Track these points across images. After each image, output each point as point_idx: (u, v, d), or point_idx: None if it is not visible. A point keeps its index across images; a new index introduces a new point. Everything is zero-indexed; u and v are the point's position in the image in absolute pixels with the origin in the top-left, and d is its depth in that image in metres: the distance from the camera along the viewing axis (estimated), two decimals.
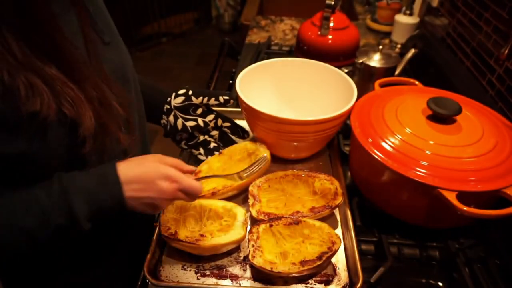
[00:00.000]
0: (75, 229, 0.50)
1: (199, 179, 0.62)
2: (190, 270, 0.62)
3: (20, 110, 0.44)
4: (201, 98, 0.75)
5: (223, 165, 0.77)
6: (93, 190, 0.51)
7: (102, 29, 0.58)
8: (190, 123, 0.76)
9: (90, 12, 0.56)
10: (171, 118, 0.76)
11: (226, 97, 0.76)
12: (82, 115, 0.48)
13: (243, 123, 0.93)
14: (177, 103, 0.76)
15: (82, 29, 0.51)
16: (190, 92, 0.76)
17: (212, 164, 0.76)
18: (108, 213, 0.53)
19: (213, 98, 0.75)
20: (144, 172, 0.54)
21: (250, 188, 0.71)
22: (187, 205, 0.66)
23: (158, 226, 0.64)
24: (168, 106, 0.76)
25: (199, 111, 0.77)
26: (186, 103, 0.75)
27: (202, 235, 0.61)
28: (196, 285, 0.60)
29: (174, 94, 0.76)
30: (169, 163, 0.57)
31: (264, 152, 0.76)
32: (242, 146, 0.79)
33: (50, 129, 0.47)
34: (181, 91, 0.76)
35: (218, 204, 0.67)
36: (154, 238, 0.63)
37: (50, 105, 0.45)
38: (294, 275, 0.58)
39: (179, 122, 0.76)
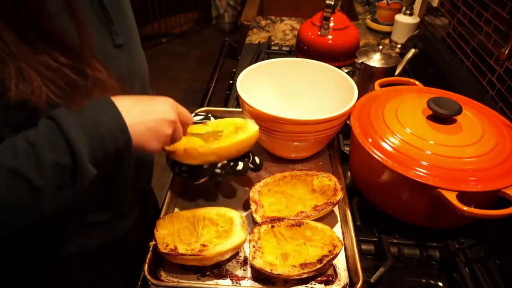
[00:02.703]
0: (77, 169, 0.43)
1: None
2: (190, 270, 0.62)
3: (8, 97, 0.43)
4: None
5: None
6: (89, 115, 0.46)
7: (117, 30, 0.57)
8: None
9: (107, 11, 0.56)
10: None
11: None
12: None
13: None
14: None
15: (77, 31, 0.49)
16: (209, 114, 0.70)
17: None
18: (112, 146, 0.46)
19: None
20: (139, 98, 0.51)
21: (251, 194, 0.71)
22: (180, 217, 0.65)
23: (154, 244, 0.61)
24: None
25: None
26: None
27: (204, 245, 0.59)
28: (196, 285, 0.60)
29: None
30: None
31: (253, 128, 0.69)
32: (229, 121, 0.72)
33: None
34: (200, 112, 0.71)
35: (211, 211, 0.66)
36: (150, 253, 0.61)
37: (40, 93, 0.44)
38: (294, 277, 0.58)
39: None
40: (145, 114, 0.50)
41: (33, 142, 0.42)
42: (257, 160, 0.71)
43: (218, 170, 0.66)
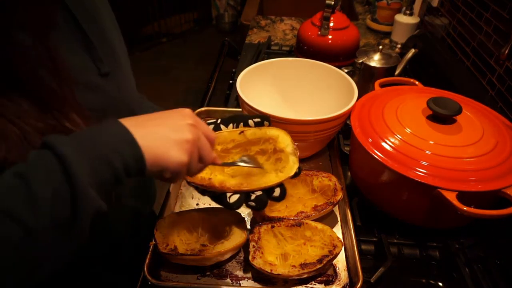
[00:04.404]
0: (75, 194, 0.35)
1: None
2: (190, 270, 0.62)
3: None
4: (230, 125, 0.63)
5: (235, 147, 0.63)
6: (87, 134, 0.38)
7: (101, 58, 0.53)
8: None
9: (89, 38, 0.51)
10: None
11: (257, 120, 0.63)
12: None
13: None
14: None
15: (52, 60, 0.43)
16: (219, 121, 0.63)
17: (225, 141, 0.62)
18: (121, 164, 0.38)
19: (242, 124, 0.63)
20: (150, 114, 0.44)
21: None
22: (180, 217, 0.65)
23: (154, 244, 0.61)
24: None
25: None
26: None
27: (204, 245, 0.60)
28: (196, 285, 0.60)
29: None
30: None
31: (293, 167, 0.58)
32: (272, 134, 0.62)
33: None
34: (211, 120, 0.64)
35: (211, 211, 0.66)
36: (150, 253, 0.61)
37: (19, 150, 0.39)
38: (294, 277, 0.58)
39: None
40: (156, 123, 0.43)
41: (22, 174, 0.34)
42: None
43: (252, 203, 0.55)
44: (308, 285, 0.60)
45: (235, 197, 0.55)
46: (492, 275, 0.65)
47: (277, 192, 0.56)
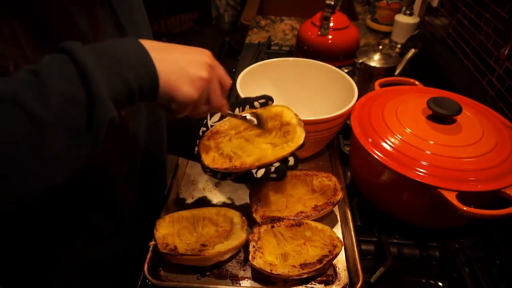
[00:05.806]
0: (93, 102, 0.35)
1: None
2: (190, 270, 0.62)
3: None
4: (237, 110, 0.66)
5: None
6: (105, 46, 0.39)
7: (123, 25, 0.54)
8: None
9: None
10: None
11: (262, 100, 0.66)
12: None
13: None
14: (214, 122, 0.65)
15: (92, 28, 0.46)
16: None
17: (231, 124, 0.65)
18: (136, 84, 0.39)
19: (248, 106, 0.66)
20: (170, 43, 0.45)
21: (251, 194, 0.71)
22: (179, 217, 0.65)
23: (154, 244, 0.61)
24: (204, 128, 0.66)
25: None
26: (224, 119, 0.65)
27: (203, 245, 0.60)
28: (196, 285, 0.60)
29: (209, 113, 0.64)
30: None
31: (300, 136, 0.62)
32: (276, 110, 0.66)
33: None
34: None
35: (211, 211, 0.66)
36: (150, 253, 0.61)
37: None
38: (293, 278, 0.58)
39: None
40: (176, 51, 0.43)
41: (36, 71, 0.34)
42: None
43: (273, 175, 0.59)
44: (308, 285, 0.60)
45: (261, 172, 0.59)
46: (492, 275, 0.65)
47: (291, 161, 0.61)
